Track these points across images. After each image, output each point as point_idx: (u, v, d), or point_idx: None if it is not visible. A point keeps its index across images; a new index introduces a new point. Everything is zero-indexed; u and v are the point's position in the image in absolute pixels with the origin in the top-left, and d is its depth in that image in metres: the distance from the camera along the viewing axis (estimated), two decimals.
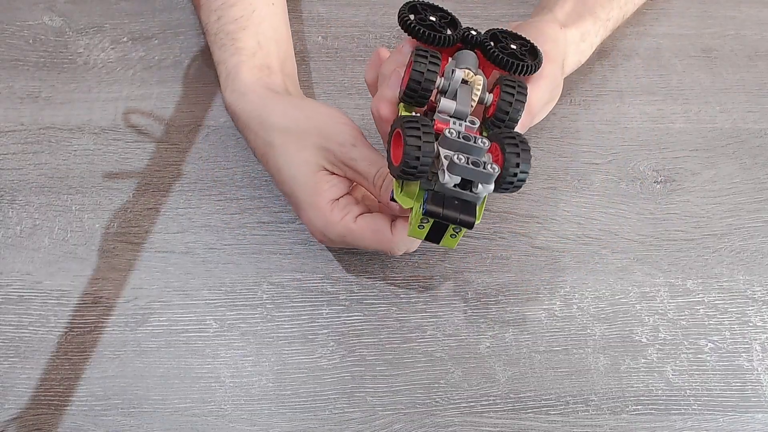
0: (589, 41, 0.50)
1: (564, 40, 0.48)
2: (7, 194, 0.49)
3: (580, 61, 0.51)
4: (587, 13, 0.50)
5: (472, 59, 0.41)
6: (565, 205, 0.50)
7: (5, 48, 0.55)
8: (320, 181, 0.43)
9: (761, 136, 0.53)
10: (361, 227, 0.42)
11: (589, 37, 0.50)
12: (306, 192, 0.43)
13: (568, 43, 0.48)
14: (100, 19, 0.56)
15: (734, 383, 0.45)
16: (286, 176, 0.44)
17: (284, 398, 0.44)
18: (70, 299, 0.46)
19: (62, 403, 0.43)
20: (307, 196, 0.43)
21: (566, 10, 0.50)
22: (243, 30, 0.49)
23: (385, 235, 0.41)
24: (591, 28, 0.50)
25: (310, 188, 0.43)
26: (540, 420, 0.43)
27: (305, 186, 0.43)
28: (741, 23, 0.58)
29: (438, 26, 0.41)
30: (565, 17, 0.49)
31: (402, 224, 0.41)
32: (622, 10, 0.52)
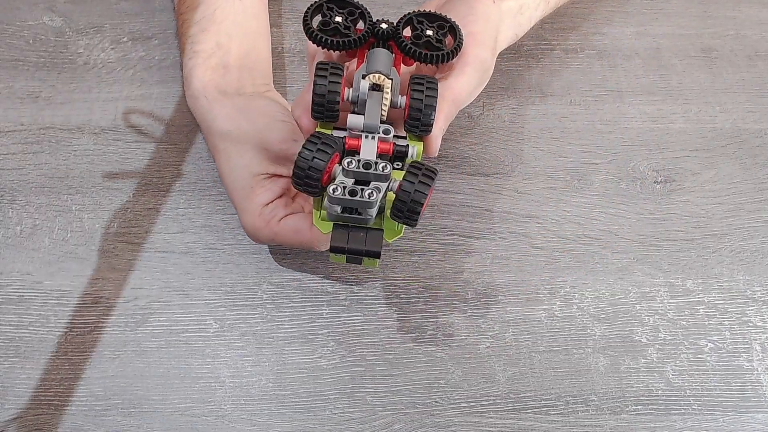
0: (527, 14, 0.48)
1: (498, 15, 0.45)
2: (7, 194, 0.49)
3: (516, 35, 0.48)
4: None
5: (384, 58, 0.39)
6: (565, 205, 0.50)
7: (5, 48, 0.55)
8: (255, 186, 0.44)
9: (761, 136, 0.53)
10: (284, 229, 0.44)
11: (528, 9, 0.47)
12: (241, 196, 0.45)
13: (503, 17, 0.45)
14: (100, 19, 0.56)
15: (734, 383, 0.45)
16: (227, 181, 0.46)
17: (284, 398, 0.44)
18: (70, 299, 0.46)
19: (62, 403, 0.43)
20: (241, 200, 0.45)
21: None
22: (203, 32, 0.49)
23: (305, 235, 0.43)
24: (531, 1, 0.48)
25: (245, 193, 0.45)
26: (540, 420, 0.43)
27: (241, 191, 0.45)
28: (741, 23, 0.58)
29: (344, 27, 0.39)
30: None
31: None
32: None
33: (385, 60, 0.39)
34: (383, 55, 0.39)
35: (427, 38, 0.40)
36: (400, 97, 0.39)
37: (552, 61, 0.55)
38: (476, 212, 0.49)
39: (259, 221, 0.44)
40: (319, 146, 0.36)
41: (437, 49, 0.40)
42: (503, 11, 0.46)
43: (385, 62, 0.39)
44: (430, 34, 0.40)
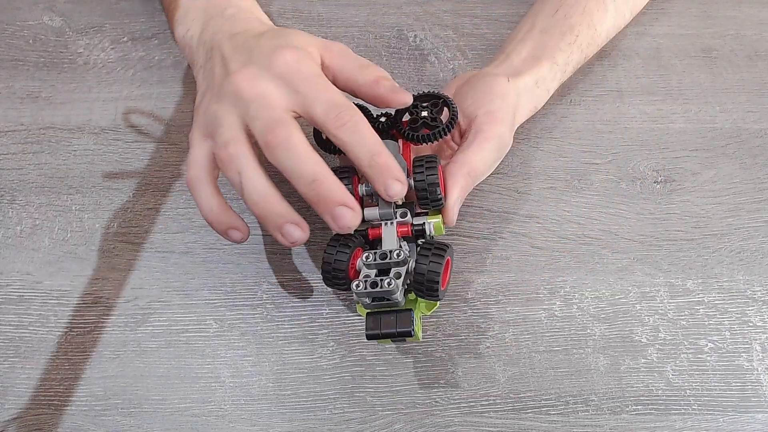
0: (544, 86, 0.49)
1: (515, 92, 0.47)
2: (7, 194, 0.49)
3: (536, 107, 0.50)
4: (545, 58, 0.49)
5: (392, 148, 0.42)
6: (565, 205, 0.50)
7: (5, 48, 0.55)
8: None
9: (761, 136, 0.53)
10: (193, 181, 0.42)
11: (545, 82, 0.49)
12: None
13: (520, 93, 0.47)
14: (100, 19, 0.56)
15: (734, 383, 0.45)
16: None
17: (284, 398, 0.44)
18: (70, 299, 0.46)
19: (62, 403, 0.43)
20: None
21: (523, 55, 0.49)
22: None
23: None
24: (547, 73, 0.49)
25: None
26: (540, 420, 0.43)
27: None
28: (741, 23, 0.58)
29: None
30: (521, 63, 0.49)
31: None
32: (583, 53, 0.51)
33: (393, 149, 0.42)
34: (391, 145, 0.42)
35: (423, 119, 0.43)
36: (409, 179, 0.41)
37: None
38: (476, 212, 0.49)
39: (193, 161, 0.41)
40: (339, 247, 0.40)
41: (434, 127, 0.43)
42: (520, 88, 0.47)
43: (393, 151, 0.42)
44: (425, 115, 0.43)
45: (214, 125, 0.40)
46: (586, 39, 0.51)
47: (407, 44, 0.56)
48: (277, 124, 0.38)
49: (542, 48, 0.49)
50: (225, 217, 0.40)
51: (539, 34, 0.50)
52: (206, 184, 0.40)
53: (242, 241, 0.41)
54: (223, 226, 0.40)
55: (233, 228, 0.40)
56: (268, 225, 0.38)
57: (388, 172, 0.38)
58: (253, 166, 0.38)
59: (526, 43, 0.50)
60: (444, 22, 0.57)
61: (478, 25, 0.56)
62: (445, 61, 0.55)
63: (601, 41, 0.53)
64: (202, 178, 0.40)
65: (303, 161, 0.37)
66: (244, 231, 0.40)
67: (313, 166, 0.37)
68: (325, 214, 0.37)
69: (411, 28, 0.57)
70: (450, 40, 0.56)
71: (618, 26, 0.55)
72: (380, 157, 0.38)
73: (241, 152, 0.38)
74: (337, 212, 0.37)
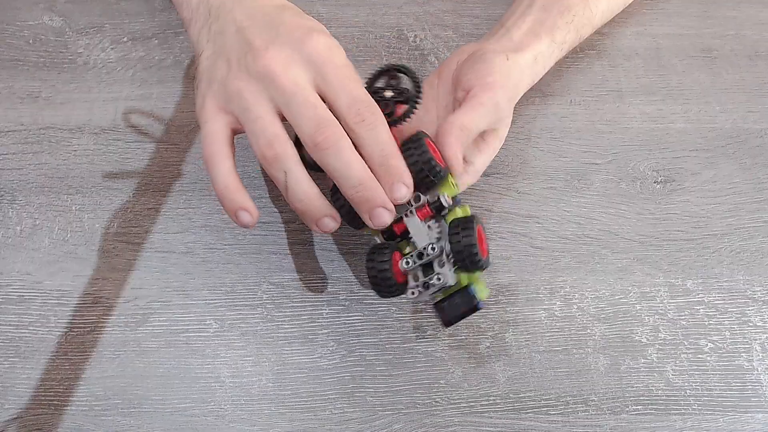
0: (542, 63, 0.50)
1: (516, 69, 0.47)
2: (7, 194, 0.49)
3: (533, 81, 0.50)
4: (544, 34, 0.49)
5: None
6: (565, 205, 0.50)
7: (5, 48, 0.55)
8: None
9: (761, 136, 0.53)
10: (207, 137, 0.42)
11: (543, 59, 0.49)
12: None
13: (521, 70, 0.48)
14: (100, 19, 0.56)
15: (734, 383, 0.45)
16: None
17: (284, 398, 0.44)
18: (70, 299, 0.46)
19: (62, 403, 0.43)
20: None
21: (523, 30, 0.49)
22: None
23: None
24: (546, 50, 0.49)
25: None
26: (540, 420, 0.43)
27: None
28: (741, 23, 0.58)
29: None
30: (521, 38, 0.49)
31: None
32: (578, 33, 0.52)
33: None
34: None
35: (391, 98, 0.43)
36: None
37: None
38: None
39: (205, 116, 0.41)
40: (376, 257, 0.41)
41: (405, 98, 0.42)
42: (521, 64, 0.48)
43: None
44: (391, 94, 0.43)
45: (243, 109, 0.40)
46: (582, 19, 0.51)
47: (407, 44, 0.56)
48: (326, 125, 0.38)
49: (541, 24, 0.49)
50: (239, 196, 0.40)
51: (538, 10, 0.50)
52: (226, 160, 0.40)
53: (250, 226, 0.40)
54: (234, 206, 0.40)
55: (244, 209, 0.40)
56: (308, 219, 0.40)
57: (398, 174, 0.39)
58: (298, 167, 0.39)
59: (525, 18, 0.50)
60: (444, 22, 0.57)
61: (478, 25, 0.56)
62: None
63: (596, 22, 0.54)
64: (221, 152, 0.40)
65: (351, 165, 0.39)
66: (255, 214, 0.40)
67: (360, 170, 0.39)
68: (365, 213, 0.40)
69: (411, 28, 0.57)
70: (450, 40, 0.56)
71: (612, 9, 0.55)
72: (392, 159, 0.39)
73: (288, 152, 0.39)
74: (376, 212, 0.39)
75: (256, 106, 0.39)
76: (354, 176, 0.39)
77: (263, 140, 0.39)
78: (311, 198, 0.40)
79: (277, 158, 0.39)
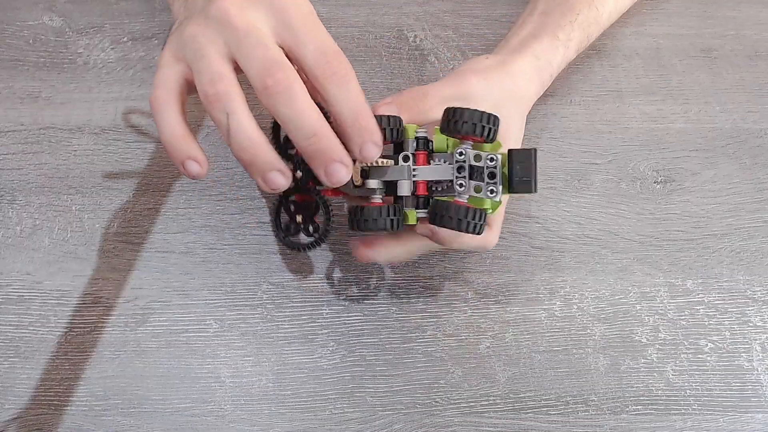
0: (546, 59, 0.48)
1: (516, 70, 0.46)
2: (7, 194, 0.49)
3: (542, 80, 0.49)
4: (544, 35, 0.48)
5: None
6: (565, 205, 0.50)
7: (5, 48, 0.55)
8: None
9: (761, 136, 0.53)
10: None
11: (546, 54, 0.48)
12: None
13: (523, 71, 0.46)
14: (100, 19, 0.56)
15: (734, 383, 0.45)
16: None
17: (284, 398, 0.44)
18: (70, 299, 0.46)
19: (62, 403, 0.43)
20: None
21: (521, 35, 0.49)
22: None
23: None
24: (548, 47, 0.48)
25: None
26: (540, 420, 0.43)
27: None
28: (741, 23, 0.58)
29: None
30: (519, 41, 0.48)
31: None
32: (585, 32, 0.51)
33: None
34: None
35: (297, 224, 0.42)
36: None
37: None
38: None
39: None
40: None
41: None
42: (521, 67, 0.47)
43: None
44: (299, 221, 0.42)
45: (193, 51, 0.36)
46: (587, 18, 0.51)
47: (407, 44, 0.56)
48: (277, 67, 0.35)
49: (542, 27, 0.49)
50: (186, 145, 0.37)
51: (539, 15, 0.50)
52: (172, 106, 0.37)
53: (199, 177, 0.37)
54: (182, 155, 0.37)
55: (192, 159, 0.37)
56: (253, 171, 0.36)
57: (369, 134, 0.36)
58: (243, 109, 0.35)
59: (525, 25, 0.50)
60: (444, 22, 0.57)
61: (478, 25, 0.56)
62: (445, 61, 0.55)
63: (603, 22, 0.53)
64: (169, 99, 0.37)
65: (304, 113, 0.35)
66: (204, 164, 0.37)
67: (315, 119, 0.35)
68: (320, 168, 0.36)
69: (411, 28, 0.57)
70: (450, 40, 0.56)
71: (620, 9, 0.54)
72: (364, 117, 0.36)
73: (231, 91, 0.35)
74: (333, 168, 0.36)
75: (207, 47, 0.36)
76: (307, 125, 0.35)
77: (206, 77, 0.36)
78: (257, 145, 0.35)
79: (219, 97, 0.35)
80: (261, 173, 0.36)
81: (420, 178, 0.39)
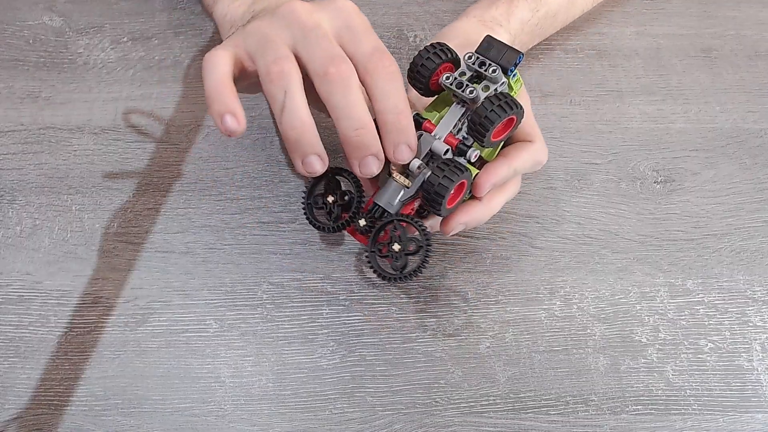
0: (517, 14, 0.50)
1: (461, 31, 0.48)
2: (7, 194, 0.49)
3: (523, 35, 0.51)
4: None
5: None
6: (565, 205, 0.50)
7: (5, 48, 0.55)
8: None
9: (761, 136, 0.53)
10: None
11: (518, 11, 0.50)
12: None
13: (477, 32, 0.48)
14: (100, 19, 0.56)
15: (734, 383, 0.45)
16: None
17: (284, 398, 0.44)
18: (70, 299, 0.46)
19: (62, 403, 0.43)
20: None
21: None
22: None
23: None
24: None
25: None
26: (540, 420, 0.43)
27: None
28: (741, 23, 0.58)
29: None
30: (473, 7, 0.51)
31: None
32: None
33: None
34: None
35: (332, 204, 0.42)
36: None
37: (552, 61, 0.55)
38: None
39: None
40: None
41: (344, 198, 0.42)
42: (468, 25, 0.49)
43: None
44: (332, 200, 0.42)
45: (258, 38, 0.39)
46: None
47: (407, 44, 0.56)
48: (340, 59, 0.37)
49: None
50: (229, 98, 0.37)
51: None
52: (225, 64, 0.38)
53: (234, 134, 0.37)
54: (222, 108, 0.37)
55: (232, 113, 0.37)
56: (297, 152, 0.38)
57: (405, 136, 0.38)
58: (299, 90, 0.37)
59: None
60: (444, 22, 0.57)
61: None
62: None
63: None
64: (223, 57, 0.38)
65: (357, 105, 0.37)
66: (241, 121, 0.37)
67: (365, 113, 0.37)
68: (356, 159, 0.38)
69: (411, 28, 0.57)
70: None
71: None
72: (405, 117, 0.38)
73: (293, 72, 0.37)
74: (367, 161, 0.38)
75: (273, 36, 0.38)
76: (357, 117, 0.37)
77: (271, 57, 0.37)
78: (306, 127, 0.37)
79: (282, 75, 0.37)
80: (303, 154, 0.38)
81: (443, 135, 0.40)
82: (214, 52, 0.39)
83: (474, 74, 0.40)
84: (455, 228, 0.42)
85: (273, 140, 0.51)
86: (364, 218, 0.41)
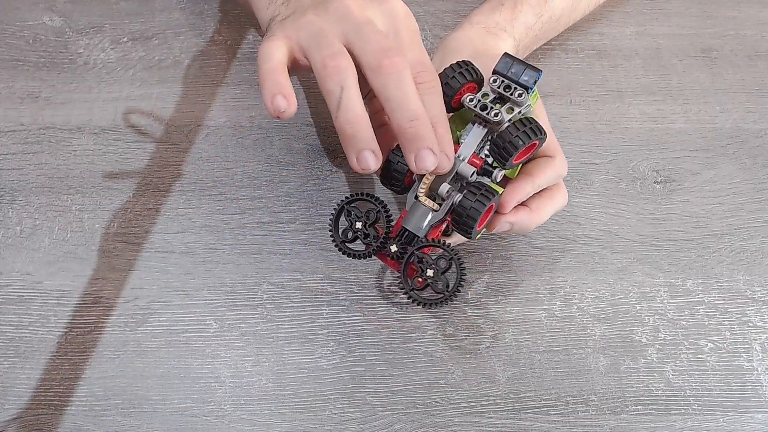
0: (521, 19, 0.50)
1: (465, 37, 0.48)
2: (7, 194, 0.49)
3: (528, 38, 0.51)
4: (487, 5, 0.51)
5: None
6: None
7: (5, 48, 0.55)
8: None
9: (761, 136, 0.53)
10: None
11: (522, 15, 0.50)
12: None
13: (472, 36, 0.48)
14: (100, 19, 0.56)
15: (734, 383, 0.45)
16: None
17: (284, 398, 0.44)
18: (70, 299, 0.46)
19: (62, 403, 0.43)
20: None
21: (483, 8, 0.51)
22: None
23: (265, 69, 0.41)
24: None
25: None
26: (540, 420, 0.43)
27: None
28: (741, 23, 0.58)
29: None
30: (476, 12, 0.50)
31: None
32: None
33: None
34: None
35: (359, 230, 0.42)
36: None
37: (552, 61, 0.55)
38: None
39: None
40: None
41: (370, 219, 0.42)
42: (472, 32, 0.49)
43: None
44: (360, 226, 0.42)
45: (313, 32, 0.39)
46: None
47: None
48: (394, 52, 0.37)
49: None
50: (282, 79, 0.38)
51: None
52: (281, 50, 0.39)
53: (285, 116, 0.37)
54: (275, 88, 0.37)
55: (284, 95, 0.37)
56: (352, 147, 0.38)
57: (444, 144, 0.38)
58: (355, 86, 0.38)
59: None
60: (444, 22, 0.57)
61: None
62: None
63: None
64: (280, 46, 0.39)
65: (411, 96, 0.37)
66: (292, 103, 0.37)
67: (419, 104, 0.37)
68: (412, 152, 0.37)
69: None
70: None
71: None
72: (443, 127, 0.38)
73: (349, 68, 0.38)
74: (423, 153, 0.37)
75: (327, 30, 0.39)
76: (412, 108, 0.37)
77: (327, 51, 0.38)
78: (361, 122, 0.37)
79: (339, 70, 0.37)
80: (357, 150, 0.37)
81: (466, 155, 0.40)
82: (270, 41, 0.39)
83: (497, 96, 0.40)
84: (502, 226, 0.42)
85: (273, 140, 0.51)
86: (395, 244, 0.40)
